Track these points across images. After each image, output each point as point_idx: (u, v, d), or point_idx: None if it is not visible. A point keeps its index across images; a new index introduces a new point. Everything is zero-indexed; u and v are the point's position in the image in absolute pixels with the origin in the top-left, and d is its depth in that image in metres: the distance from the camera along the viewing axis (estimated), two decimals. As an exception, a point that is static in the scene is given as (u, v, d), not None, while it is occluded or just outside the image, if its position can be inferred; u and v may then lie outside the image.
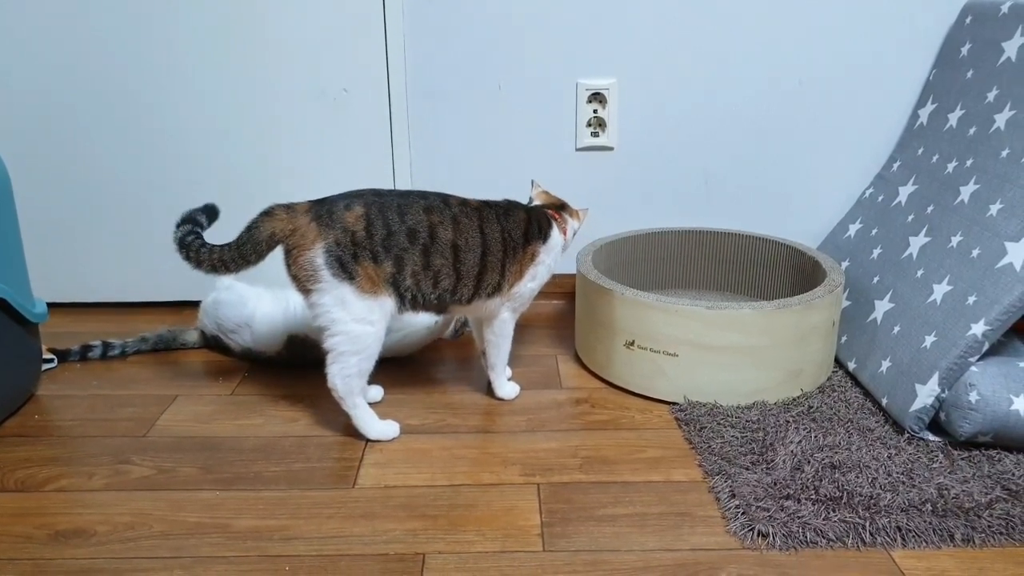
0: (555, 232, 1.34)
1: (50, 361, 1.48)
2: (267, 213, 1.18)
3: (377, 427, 1.25)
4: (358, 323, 1.18)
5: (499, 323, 1.33)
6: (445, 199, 1.25)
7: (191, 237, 1.19)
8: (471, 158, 1.73)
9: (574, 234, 1.40)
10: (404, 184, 1.72)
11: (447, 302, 1.25)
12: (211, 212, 1.25)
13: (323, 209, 1.17)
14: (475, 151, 1.73)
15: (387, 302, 1.20)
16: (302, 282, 1.18)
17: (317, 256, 1.15)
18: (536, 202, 1.39)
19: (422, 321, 1.50)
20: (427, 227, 1.20)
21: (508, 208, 1.30)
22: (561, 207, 1.39)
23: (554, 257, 1.35)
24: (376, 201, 1.19)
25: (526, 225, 1.30)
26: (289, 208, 1.18)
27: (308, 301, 1.19)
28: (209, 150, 1.68)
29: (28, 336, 1.34)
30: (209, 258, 1.17)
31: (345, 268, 1.16)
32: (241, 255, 1.17)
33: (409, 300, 1.22)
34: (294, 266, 1.17)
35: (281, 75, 1.64)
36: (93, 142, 1.67)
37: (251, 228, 1.17)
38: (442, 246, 1.21)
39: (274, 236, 1.16)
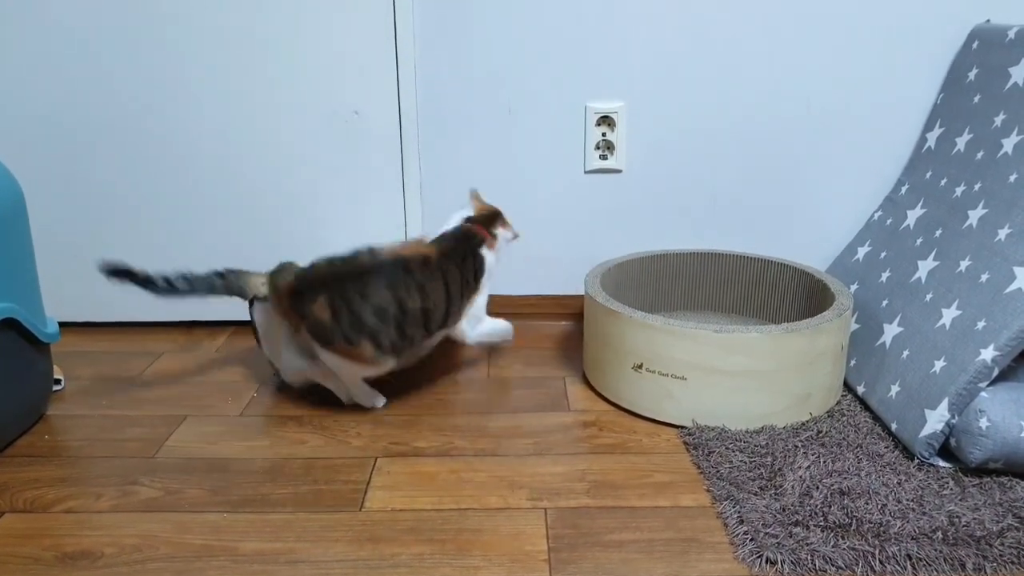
0: (486, 254, 1.46)
1: (58, 383, 1.49)
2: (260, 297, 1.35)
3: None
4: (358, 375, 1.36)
5: (459, 332, 1.46)
6: (405, 264, 1.31)
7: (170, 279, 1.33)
8: (481, 181, 1.73)
9: (507, 243, 1.53)
10: (415, 207, 1.73)
11: (417, 343, 1.37)
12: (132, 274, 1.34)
13: (296, 300, 1.29)
14: (485, 174, 1.74)
15: (375, 368, 1.33)
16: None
17: (306, 334, 1.30)
18: (470, 212, 1.49)
19: None
20: (395, 303, 1.29)
21: (464, 252, 1.41)
22: (491, 218, 1.50)
23: (490, 273, 1.47)
24: (337, 286, 1.27)
25: (475, 265, 1.43)
26: (275, 290, 1.31)
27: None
28: (221, 171, 1.70)
29: (39, 356, 1.35)
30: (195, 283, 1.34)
31: (328, 344, 1.29)
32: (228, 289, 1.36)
33: (393, 354, 1.33)
34: (299, 335, 1.33)
35: (293, 98, 1.66)
36: (104, 163, 1.69)
37: (243, 282, 1.36)
38: (413, 315, 1.31)
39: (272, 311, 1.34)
